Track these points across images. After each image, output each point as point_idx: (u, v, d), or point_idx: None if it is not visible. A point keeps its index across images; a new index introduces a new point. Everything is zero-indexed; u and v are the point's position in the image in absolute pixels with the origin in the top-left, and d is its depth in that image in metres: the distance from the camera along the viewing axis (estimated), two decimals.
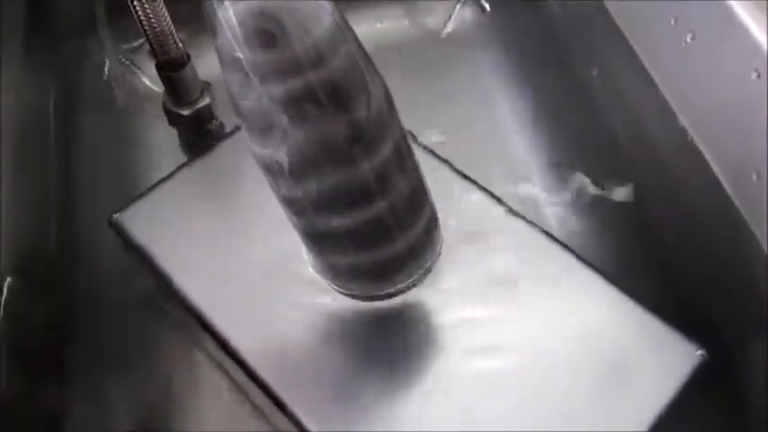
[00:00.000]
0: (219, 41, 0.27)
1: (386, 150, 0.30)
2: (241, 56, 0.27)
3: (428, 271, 0.36)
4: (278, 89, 0.27)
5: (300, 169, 0.29)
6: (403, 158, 0.32)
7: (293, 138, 0.28)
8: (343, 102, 0.28)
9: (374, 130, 0.29)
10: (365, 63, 0.29)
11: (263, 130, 0.29)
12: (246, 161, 0.45)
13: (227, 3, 0.26)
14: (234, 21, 0.26)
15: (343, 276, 0.37)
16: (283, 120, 0.28)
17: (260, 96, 0.27)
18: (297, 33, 0.26)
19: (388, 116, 0.30)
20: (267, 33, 0.26)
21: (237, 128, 0.48)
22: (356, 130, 0.28)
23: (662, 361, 0.37)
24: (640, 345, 0.38)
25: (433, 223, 0.36)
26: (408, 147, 0.32)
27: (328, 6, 0.27)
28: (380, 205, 0.31)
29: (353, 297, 0.37)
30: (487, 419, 0.36)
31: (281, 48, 0.26)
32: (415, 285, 0.36)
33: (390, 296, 0.37)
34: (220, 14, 0.26)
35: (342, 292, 0.37)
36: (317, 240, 0.34)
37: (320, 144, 0.28)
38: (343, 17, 0.28)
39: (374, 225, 0.32)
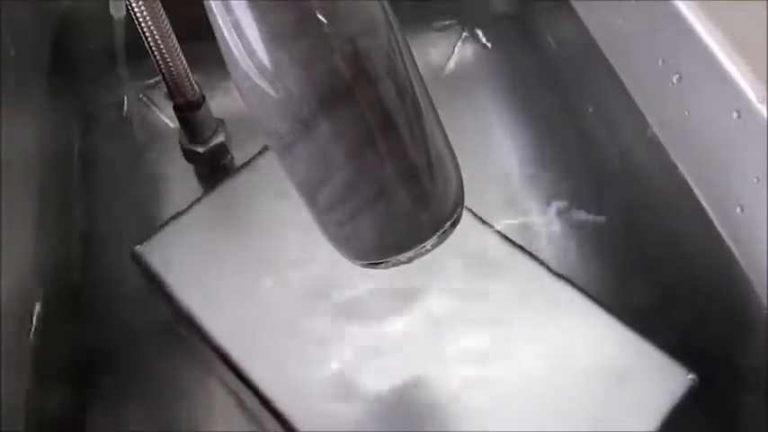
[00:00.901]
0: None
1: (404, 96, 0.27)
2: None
3: (451, 228, 0.31)
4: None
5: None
6: (421, 103, 0.28)
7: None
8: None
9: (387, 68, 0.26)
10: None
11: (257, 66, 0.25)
12: (261, 192, 0.46)
13: None
14: None
15: (361, 239, 0.31)
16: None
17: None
18: None
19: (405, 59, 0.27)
20: None
21: (251, 160, 0.49)
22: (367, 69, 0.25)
23: (653, 384, 0.38)
24: (631, 368, 0.39)
25: (449, 153, 0.30)
26: (427, 92, 0.29)
27: None
28: (400, 155, 0.27)
29: (372, 265, 0.32)
30: None
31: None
32: (437, 245, 0.31)
33: (410, 258, 0.31)
34: None
35: (359, 263, 0.32)
36: (330, 202, 0.29)
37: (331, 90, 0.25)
38: None
39: (393, 174, 0.28)
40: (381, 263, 0.31)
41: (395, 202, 0.29)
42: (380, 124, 0.27)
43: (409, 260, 0.31)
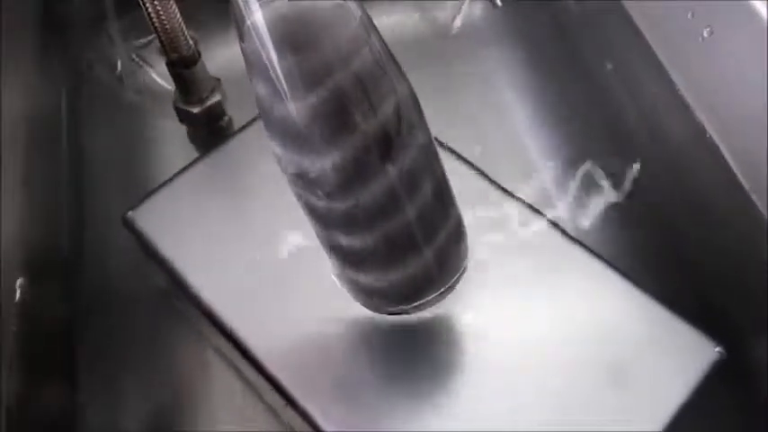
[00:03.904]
0: (247, 48, 0.27)
1: (415, 155, 0.30)
2: (271, 60, 0.26)
3: (454, 285, 0.36)
4: (308, 94, 0.27)
5: (334, 181, 0.29)
6: (431, 162, 0.31)
7: (326, 148, 0.28)
8: (373, 103, 0.27)
9: (405, 132, 0.29)
10: (391, 63, 0.28)
11: (294, 138, 0.28)
12: (258, 156, 0.45)
13: (255, 6, 0.25)
14: (263, 24, 0.25)
15: (368, 293, 0.36)
16: (313, 128, 0.27)
17: (289, 102, 0.27)
18: (325, 35, 0.26)
19: (416, 116, 0.30)
20: (296, 36, 0.26)
21: (248, 123, 0.48)
22: (387, 134, 0.28)
23: (679, 358, 0.37)
24: (657, 341, 0.38)
25: (460, 232, 0.35)
26: (435, 150, 0.32)
27: (355, 7, 0.27)
28: (409, 213, 0.31)
29: (377, 311, 0.37)
30: (504, 417, 0.36)
31: (311, 50, 0.26)
32: (439, 301, 0.36)
33: (415, 310, 0.36)
34: (249, 19, 0.26)
35: (372, 310, 0.37)
36: (343, 255, 0.34)
37: (352, 152, 0.28)
38: (368, 17, 0.28)
39: (402, 235, 0.31)
40: (389, 311, 0.37)
41: (416, 269, 0.33)
42: (415, 212, 0.31)
43: (416, 309, 0.36)
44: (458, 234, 0.35)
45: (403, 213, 0.30)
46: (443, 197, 0.33)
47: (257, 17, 0.25)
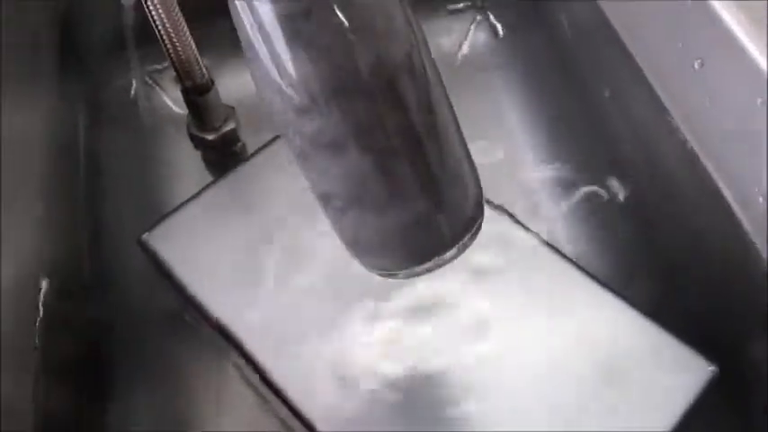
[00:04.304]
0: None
1: (428, 108, 0.27)
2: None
3: (471, 239, 0.30)
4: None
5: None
6: (445, 118, 0.28)
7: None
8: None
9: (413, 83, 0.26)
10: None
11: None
12: (272, 181, 0.46)
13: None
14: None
15: (376, 247, 0.31)
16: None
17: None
18: None
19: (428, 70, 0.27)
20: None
21: (262, 148, 0.49)
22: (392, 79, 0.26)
23: (674, 376, 0.38)
24: (652, 360, 0.39)
25: (473, 192, 0.30)
26: (448, 100, 0.29)
27: None
28: (420, 167, 0.27)
29: (387, 275, 0.32)
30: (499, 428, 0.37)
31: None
32: (456, 257, 0.30)
33: (428, 270, 0.31)
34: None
35: (377, 272, 0.32)
36: (350, 211, 0.30)
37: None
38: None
39: (414, 188, 0.28)
40: (399, 273, 0.31)
41: (415, 212, 0.29)
42: (403, 135, 0.27)
43: (427, 271, 0.31)
44: (467, 164, 0.30)
45: (410, 168, 0.27)
46: (457, 156, 0.29)
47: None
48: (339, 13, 0.24)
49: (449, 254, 0.30)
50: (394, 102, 0.26)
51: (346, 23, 0.24)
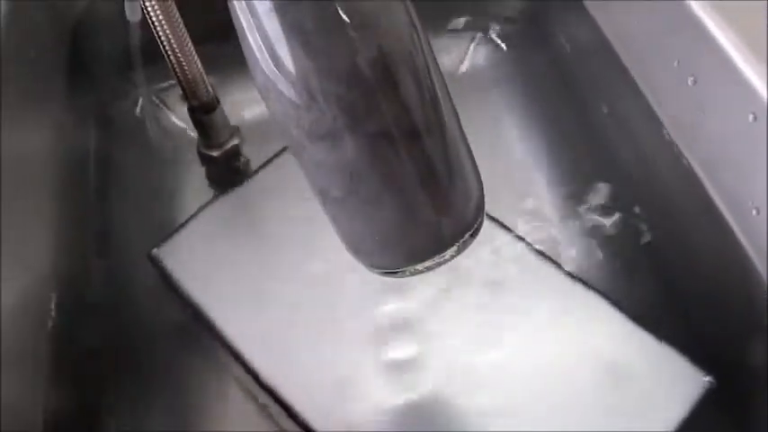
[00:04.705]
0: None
1: (428, 101, 0.26)
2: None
3: (471, 238, 0.30)
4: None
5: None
6: (446, 112, 0.27)
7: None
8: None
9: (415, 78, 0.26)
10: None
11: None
12: (276, 194, 0.47)
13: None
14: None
15: (376, 245, 0.30)
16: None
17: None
18: None
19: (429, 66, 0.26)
20: None
21: (266, 163, 0.49)
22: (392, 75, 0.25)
23: (669, 387, 0.38)
24: (647, 370, 0.39)
25: (474, 191, 0.30)
26: (450, 98, 0.28)
27: None
28: (419, 165, 0.27)
29: (389, 274, 0.31)
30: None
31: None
32: (456, 255, 0.30)
33: (428, 268, 0.30)
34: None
35: (378, 271, 0.32)
36: (351, 210, 0.29)
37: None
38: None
39: (414, 186, 0.27)
40: (399, 272, 0.31)
41: (415, 210, 0.28)
42: (402, 130, 0.26)
43: (427, 269, 0.30)
44: (468, 162, 0.29)
45: (409, 165, 0.27)
46: (449, 135, 0.28)
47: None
48: (339, 7, 0.24)
49: (449, 252, 0.30)
50: (394, 97, 0.25)
51: (346, 18, 0.24)
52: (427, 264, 0.30)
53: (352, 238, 0.31)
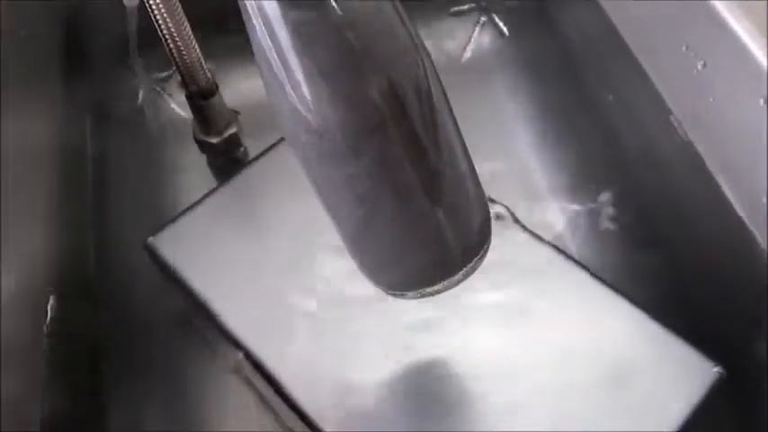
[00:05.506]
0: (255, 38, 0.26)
1: (437, 132, 0.27)
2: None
3: (479, 262, 0.32)
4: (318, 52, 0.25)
5: (341, 140, 0.26)
6: (453, 138, 0.29)
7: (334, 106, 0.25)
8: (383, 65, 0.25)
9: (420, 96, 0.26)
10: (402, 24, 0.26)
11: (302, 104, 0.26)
12: (275, 184, 0.47)
13: None
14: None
15: (387, 269, 0.33)
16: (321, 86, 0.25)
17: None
18: None
19: (437, 96, 0.27)
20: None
21: (264, 152, 0.49)
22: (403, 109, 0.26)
23: (679, 378, 0.38)
24: (657, 362, 0.39)
25: (482, 218, 0.32)
26: (458, 129, 0.29)
27: None
28: (431, 193, 0.28)
29: (398, 296, 0.34)
30: (502, 429, 0.37)
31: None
32: (463, 279, 0.32)
33: (437, 291, 0.32)
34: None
35: (388, 292, 0.34)
36: (361, 233, 0.31)
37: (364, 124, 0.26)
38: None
39: (424, 213, 0.29)
40: (408, 293, 0.32)
41: (426, 236, 0.29)
42: (413, 158, 0.27)
43: (436, 293, 0.32)
44: (476, 188, 0.31)
45: (421, 193, 0.28)
46: (466, 177, 0.30)
47: None
48: (349, 37, 0.24)
49: (457, 276, 0.31)
50: (405, 126, 0.26)
51: (357, 48, 0.24)
52: (437, 287, 0.32)
53: (362, 262, 0.32)
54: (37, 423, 0.38)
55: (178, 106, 0.62)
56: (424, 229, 0.29)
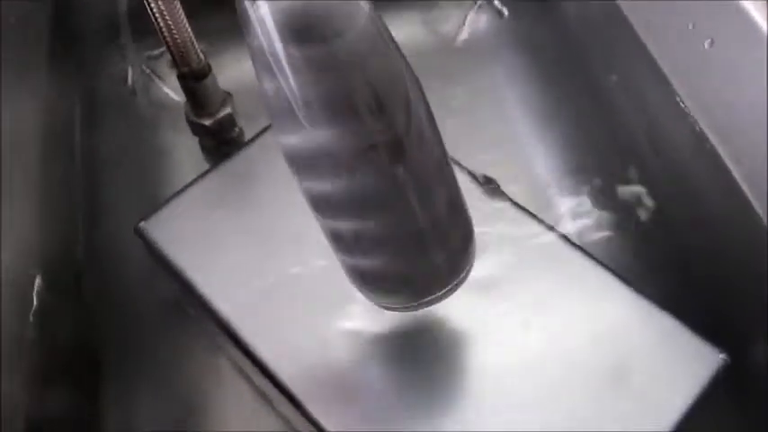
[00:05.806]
0: (253, 42, 0.26)
1: (428, 163, 0.29)
2: (277, 54, 0.26)
3: (461, 281, 0.34)
4: (314, 89, 0.26)
5: (342, 180, 0.29)
6: (443, 168, 0.31)
7: (330, 141, 0.27)
8: (383, 106, 0.27)
9: (415, 138, 0.28)
10: (404, 66, 0.28)
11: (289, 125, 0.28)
12: (269, 167, 0.46)
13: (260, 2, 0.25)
14: (269, 20, 0.25)
15: (377, 288, 0.35)
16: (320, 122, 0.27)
17: (294, 97, 0.26)
18: (332, 32, 0.25)
19: (429, 125, 0.29)
20: (303, 31, 0.25)
21: (258, 134, 0.48)
22: (397, 138, 0.27)
23: (684, 364, 0.38)
24: (662, 349, 0.38)
25: (469, 233, 0.34)
26: (446, 155, 0.31)
27: (365, 6, 0.26)
28: (420, 216, 0.30)
29: (385, 308, 0.36)
30: (508, 420, 0.37)
31: (316, 45, 0.25)
32: (447, 296, 0.34)
33: (421, 306, 0.35)
34: (254, 14, 0.25)
35: (376, 304, 0.36)
36: (352, 250, 0.33)
37: (358, 152, 0.27)
38: (380, 19, 0.27)
39: (413, 234, 0.31)
40: (398, 308, 0.35)
41: (417, 258, 0.32)
42: (408, 189, 0.29)
43: (423, 307, 0.34)
44: (467, 237, 0.33)
45: (411, 216, 0.30)
46: (454, 202, 0.32)
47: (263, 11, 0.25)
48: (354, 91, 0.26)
49: (443, 292, 0.33)
50: (406, 167, 0.28)
51: (362, 106, 0.26)
52: (423, 302, 0.34)
53: (353, 277, 0.34)
54: (22, 413, 0.38)
55: (170, 88, 0.61)
56: (412, 245, 0.31)
